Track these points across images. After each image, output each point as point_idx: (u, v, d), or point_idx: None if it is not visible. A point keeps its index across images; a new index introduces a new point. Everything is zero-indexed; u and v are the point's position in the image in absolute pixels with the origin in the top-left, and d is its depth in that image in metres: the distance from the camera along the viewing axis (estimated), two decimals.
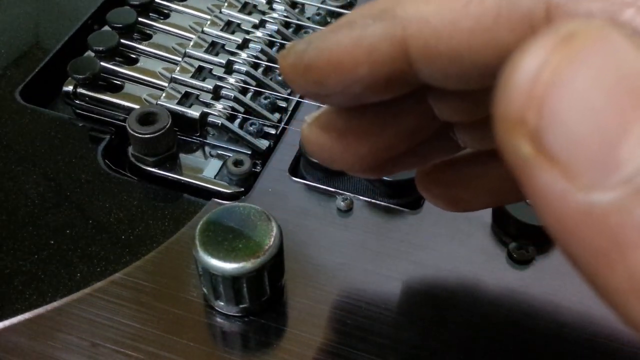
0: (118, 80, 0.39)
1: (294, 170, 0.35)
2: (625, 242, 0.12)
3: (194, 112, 0.36)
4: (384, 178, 0.34)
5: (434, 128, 0.23)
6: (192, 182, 0.35)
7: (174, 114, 0.36)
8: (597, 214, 0.12)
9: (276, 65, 0.40)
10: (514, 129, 0.13)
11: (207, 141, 0.37)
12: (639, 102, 0.12)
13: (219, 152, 0.37)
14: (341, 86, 0.19)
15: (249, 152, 0.36)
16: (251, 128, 0.37)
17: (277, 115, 0.38)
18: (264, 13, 0.42)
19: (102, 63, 0.38)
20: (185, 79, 0.38)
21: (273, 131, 0.37)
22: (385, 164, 0.23)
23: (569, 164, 0.12)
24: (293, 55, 0.20)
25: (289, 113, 0.38)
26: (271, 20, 0.42)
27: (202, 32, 0.40)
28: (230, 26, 0.41)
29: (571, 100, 0.12)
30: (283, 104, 0.38)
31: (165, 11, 0.43)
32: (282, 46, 0.41)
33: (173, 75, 0.38)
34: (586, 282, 0.13)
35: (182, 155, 0.37)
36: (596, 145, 0.12)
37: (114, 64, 0.39)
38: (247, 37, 0.40)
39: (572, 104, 0.12)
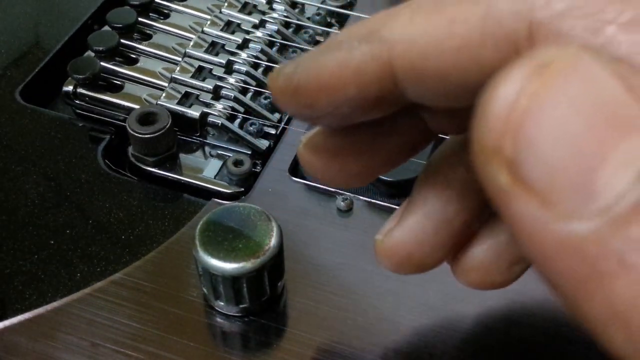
0: (118, 80, 0.39)
1: (294, 170, 0.35)
2: (604, 272, 0.12)
3: (194, 112, 0.36)
4: (384, 178, 0.34)
5: (429, 139, 0.23)
6: (192, 182, 0.35)
7: (174, 114, 0.36)
8: (576, 243, 0.12)
9: (276, 65, 0.40)
10: (491, 157, 0.13)
11: (207, 141, 0.37)
12: (616, 129, 0.12)
13: (219, 152, 0.37)
14: (331, 107, 0.19)
15: (249, 152, 0.36)
16: (251, 128, 0.37)
17: (277, 115, 0.38)
18: (264, 13, 0.42)
19: (102, 63, 0.38)
20: (185, 79, 0.38)
21: (273, 131, 0.37)
22: (383, 171, 0.23)
23: (546, 193, 0.13)
24: (282, 78, 0.20)
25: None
26: (271, 20, 0.42)
27: (202, 32, 0.40)
28: (230, 26, 0.41)
29: (547, 129, 0.12)
30: None
31: (165, 11, 0.43)
32: (282, 46, 0.41)
33: (173, 75, 0.38)
34: (567, 309, 0.13)
35: (182, 155, 0.37)
36: (573, 174, 0.12)
37: (114, 64, 0.39)
38: (247, 37, 0.40)
39: (549, 132, 0.12)
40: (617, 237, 0.12)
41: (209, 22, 0.41)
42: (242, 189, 0.34)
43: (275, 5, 0.43)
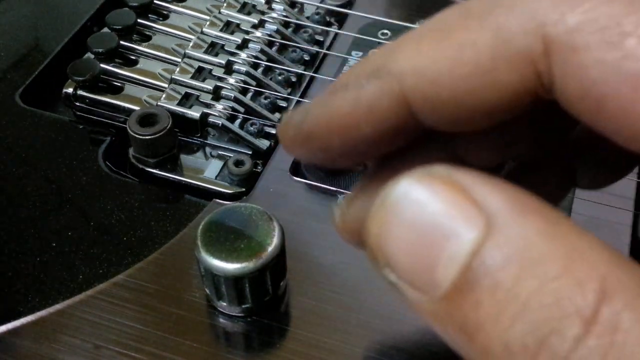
0: (118, 82, 0.39)
1: (295, 169, 0.35)
2: (453, 332, 0.17)
3: (195, 113, 0.36)
4: None
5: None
6: (193, 183, 0.35)
7: (175, 115, 0.36)
8: (437, 314, 0.17)
9: (276, 65, 0.40)
10: (376, 264, 0.17)
11: (208, 142, 0.37)
12: (438, 240, 0.16)
13: (220, 152, 0.37)
14: (346, 147, 0.19)
15: (250, 152, 0.36)
16: (252, 128, 0.37)
17: (277, 115, 0.38)
18: (263, 13, 0.42)
19: (101, 65, 0.38)
20: (185, 80, 0.38)
21: (274, 131, 0.37)
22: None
23: (415, 284, 0.17)
24: (291, 128, 0.20)
25: None
26: (270, 20, 0.41)
27: (202, 32, 0.40)
28: (229, 26, 0.41)
29: (395, 245, 0.17)
30: (283, 104, 0.38)
31: (165, 12, 0.43)
32: (281, 46, 0.41)
33: (173, 76, 0.38)
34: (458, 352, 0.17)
35: (182, 156, 0.37)
36: (423, 271, 0.16)
37: (113, 66, 0.39)
38: (247, 37, 0.40)
39: (397, 246, 0.17)
40: (455, 310, 0.16)
41: (208, 23, 0.41)
42: (244, 189, 0.34)
43: (274, 5, 0.43)
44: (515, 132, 0.22)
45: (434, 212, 0.16)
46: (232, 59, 0.39)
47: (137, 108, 0.37)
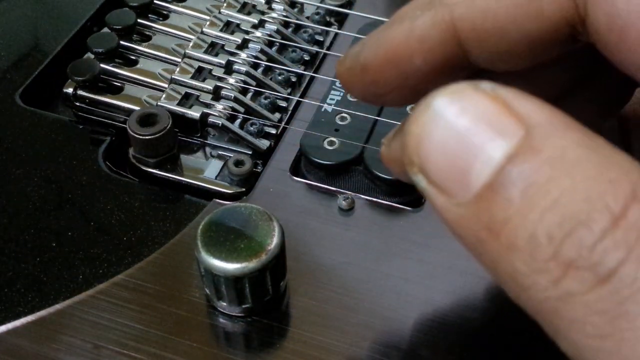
0: (118, 82, 0.39)
1: (295, 169, 0.35)
2: (481, 237, 0.17)
3: (194, 113, 0.36)
4: (385, 177, 0.34)
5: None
6: (193, 183, 0.35)
7: (175, 115, 0.36)
8: (464, 219, 0.17)
9: (276, 65, 0.40)
10: (411, 167, 0.18)
11: (208, 142, 0.37)
12: (480, 136, 0.16)
13: (220, 152, 0.37)
14: (398, 80, 0.20)
15: (250, 152, 0.36)
16: (252, 128, 0.37)
17: (277, 115, 0.38)
18: (263, 13, 0.42)
19: (101, 65, 0.38)
20: (185, 80, 0.38)
21: (274, 131, 0.37)
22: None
23: (443, 187, 0.17)
24: (349, 59, 0.21)
25: (289, 113, 0.38)
26: (270, 20, 0.41)
27: (202, 32, 0.40)
28: (229, 26, 0.41)
29: (434, 144, 0.17)
30: (283, 104, 0.38)
31: (164, 12, 0.43)
32: (281, 46, 0.41)
33: (173, 76, 0.38)
34: (479, 260, 0.18)
35: (182, 156, 0.36)
36: (456, 173, 0.17)
37: (113, 66, 0.39)
38: (247, 37, 0.40)
39: (435, 148, 0.17)
40: (484, 213, 0.16)
41: (208, 23, 0.41)
42: (243, 189, 0.34)
43: (274, 5, 0.43)
44: (564, 82, 0.23)
45: (474, 119, 0.16)
46: (232, 59, 0.39)
47: (137, 108, 0.37)
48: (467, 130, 0.16)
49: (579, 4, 0.18)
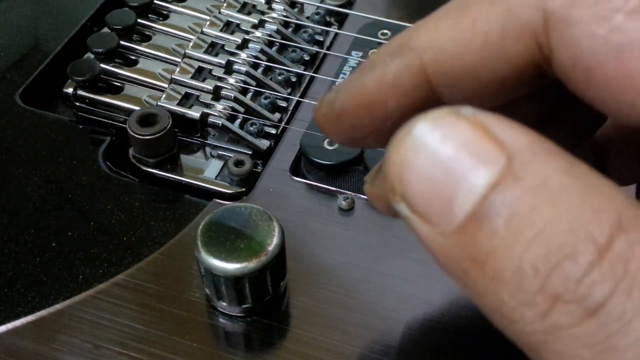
0: (118, 82, 0.39)
1: (295, 169, 0.35)
2: (465, 267, 0.16)
3: (194, 113, 0.36)
4: None
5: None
6: (193, 183, 0.35)
7: (175, 115, 0.36)
8: (448, 249, 0.17)
9: (276, 65, 0.40)
10: (393, 196, 0.18)
11: (208, 142, 0.37)
12: (462, 165, 0.16)
13: (220, 152, 0.37)
14: (374, 124, 0.21)
15: (250, 152, 0.36)
16: (252, 128, 0.37)
17: (277, 115, 0.38)
18: (263, 13, 0.42)
19: (101, 65, 0.38)
20: (185, 80, 0.38)
21: (274, 131, 0.37)
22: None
23: (426, 215, 0.17)
24: (324, 106, 0.22)
25: (289, 113, 0.38)
26: (270, 20, 0.41)
27: (202, 32, 0.40)
28: (229, 26, 0.41)
29: (416, 173, 0.17)
30: (283, 104, 0.38)
31: (165, 12, 0.43)
32: (281, 46, 0.41)
33: (173, 76, 0.38)
34: (464, 290, 0.17)
35: (182, 156, 0.36)
36: (439, 202, 0.17)
37: (113, 66, 0.39)
38: (247, 37, 0.40)
39: (417, 175, 0.17)
40: (468, 243, 0.16)
41: (208, 23, 0.41)
42: (243, 189, 0.34)
43: (274, 5, 0.43)
44: (536, 115, 0.23)
45: (456, 146, 0.16)
46: (232, 59, 0.39)
47: (137, 108, 0.37)
48: (449, 158, 0.16)
49: (543, 45, 0.18)
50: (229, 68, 0.39)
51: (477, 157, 0.16)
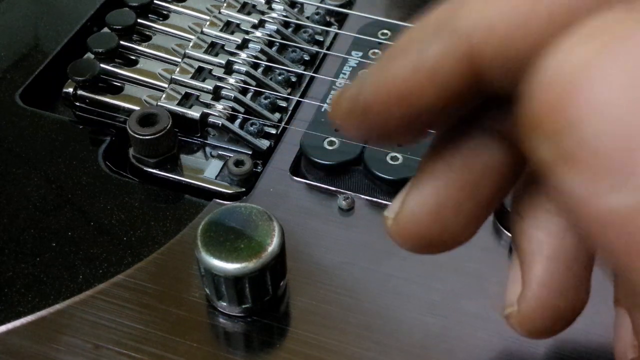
0: (118, 82, 0.39)
1: (295, 169, 0.35)
2: None
3: (195, 113, 0.36)
4: (385, 176, 0.34)
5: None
6: (193, 183, 0.35)
7: (175, 115, 0.36)
8: (623, 216, 0.12)
9: (276, 65, 0.40)
10: (537, 129, 0.13)
11: (208, 142, 0.37)
12: None
13: (220, 152, 0.37)
14: (407, 119, 0.17)
15: (250, 152, 0.36)
16: (252, 128, 0.37)
17: (277, 115, 0.38)
18: (263, 13, 0.42)
19: (101, 65, 0.38)
20: (185, 80, 0.38)
21: (274, 131, 0.37)
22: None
23: (593, 166, 0.12)
24: (345, 101, 0.19)
25: (289, 113, 0.38)
26: (270, 20, 0.41)
27: (202, 32, 0.40)
28: (229, 26, 0.41)
29: (595, 100, 0.12)
30: (283, 104, 0.38)
31: (165, 12, 0.43)
32: (281, 46, 0.41)
33: (173, 76, 0.38)
34: (616, 305, 0.14)
35: (182, 156, 0.37)
36: (621, 147, 0.12)
37: (113, 66, 0.39)
38: (247, 37, 0.40)
39: (596, 104, 0.12)
40: None
41: (208, 23, 0.41)
42: (243, 189, 0.34)
43: (274, 5, 0.43)
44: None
45: None
46: (232, 59, 0.39)
47: (137, 108, 0.37)
48: None
49: None
50: (229, 68, 0.39)
51: None
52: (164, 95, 0.37)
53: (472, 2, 0.16)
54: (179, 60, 0.39)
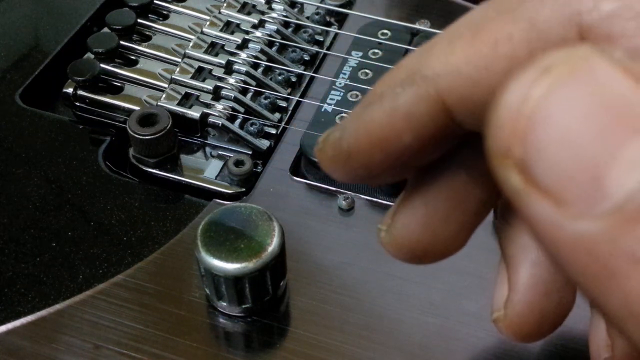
0: (118, 82, 0.39)
1: (295, 169, 0.35)
2: (616, 270, 0.12)
3: (194, 113, 0.36)
4: None
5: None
6: (193, 183, 0.35)
7: (175, 115, 0.36)
8: (589, 242, 0.12)
9: (276, 65, 0.40)
10: (502, 160, 0.13)
11: (208, 142, 0.37)
12: (624, 127, 0.12)
13: (220, 152, 0.37)
14: (389, 161, 0.18)
15: (250, 152, 0.36)
16: (252, 128, 0.37)
17: (277, 115, 0.38)
18: (263, 13, 0.42)
19: (101, 65, 0.38)
20: (185, 80, 0.38)
21: (273, 131, 0.37)
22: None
23: (557, 193, 0.13)
24: (330, 147, 0.19)
25: (289, 113, 0.38)
26: (270, 20, 0.41)
27: (202, 32, 0.40)
28: (229, 26, 0.41)
29: (554, 132, 0.12)
30: (283, 104, 0.38)
31: (165, 12, 0.43)
32: (281, 46, 0.41)
33: (173, 76, 0.38)
34: (591, 305, 0.14)
35: (182, 156, 0.37)
36: (583, 176, 0.12)
37: (113, 66, 0.39)
38: (247, 37, 0.40)
39: (555, 135, 0.12)
40: (628, 236, 0.12)
41: (208, 23, 0.41)
42: (243, 189, 0.34)
43: (274, 5, 0.43)
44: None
45: (622, 94, 0.12)
46: (232, 59, 0.39)
47: (137, 108, 0.37)
48: (608, 107, 0.12)
49: None
50: (229, 68, 0.39)
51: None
52: (164, 95, 0.37)
53: (438, 51, 0.17)
54: (179, 60, 0.39)
